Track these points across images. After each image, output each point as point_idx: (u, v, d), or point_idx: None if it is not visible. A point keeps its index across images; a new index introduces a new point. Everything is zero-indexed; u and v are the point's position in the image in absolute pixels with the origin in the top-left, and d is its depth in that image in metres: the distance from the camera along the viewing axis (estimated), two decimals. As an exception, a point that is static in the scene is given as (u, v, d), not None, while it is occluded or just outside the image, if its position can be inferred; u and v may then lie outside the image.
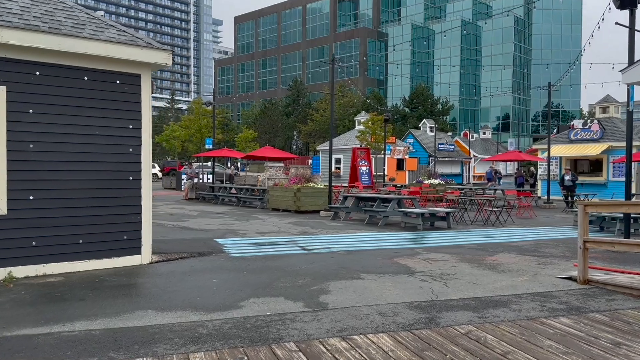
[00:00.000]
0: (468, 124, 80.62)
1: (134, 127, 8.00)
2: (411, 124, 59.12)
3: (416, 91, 64.80)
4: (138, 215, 8.05)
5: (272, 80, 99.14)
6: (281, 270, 7.63)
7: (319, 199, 18.41)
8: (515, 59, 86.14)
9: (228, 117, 78.35)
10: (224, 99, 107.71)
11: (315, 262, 8.37)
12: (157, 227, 12.95)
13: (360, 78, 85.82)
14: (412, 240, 11.51)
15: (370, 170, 30.44)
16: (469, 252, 9.80)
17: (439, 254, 9.54)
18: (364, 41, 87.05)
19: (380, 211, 14.64)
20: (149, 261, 8.15)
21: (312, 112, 59.43)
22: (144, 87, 8.08)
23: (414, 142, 49.98)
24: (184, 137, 30.84)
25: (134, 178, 8.01)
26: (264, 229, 12.98)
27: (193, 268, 7.78)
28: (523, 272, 7.87)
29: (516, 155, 31.04)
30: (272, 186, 19.91)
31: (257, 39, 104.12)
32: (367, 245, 10.63)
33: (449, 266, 8.22)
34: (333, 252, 9.53)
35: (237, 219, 15.73)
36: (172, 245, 9.88)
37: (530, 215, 18.43)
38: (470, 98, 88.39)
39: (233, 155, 24.25)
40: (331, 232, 12.78)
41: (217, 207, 20.28)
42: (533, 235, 13.02)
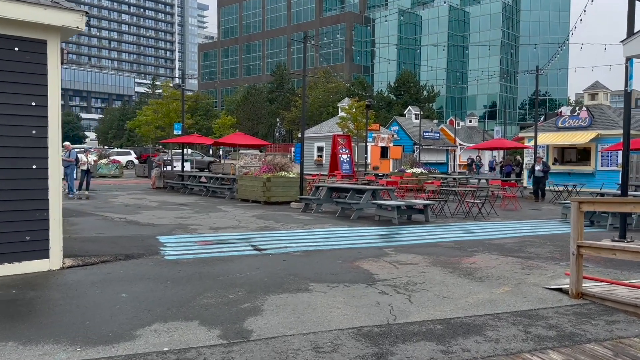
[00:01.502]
0: (454, 112, 79.57)
1: (38, 105, 6.58)
2: (396, 111, 57.82)
3: (402, 77, 63.41)
4: (44, 211, 6.66)
5: (256, 65, 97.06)
6: (214, 279, 6.31)
7: (290, 189, 17.10)
8: (503, 46, 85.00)
9: (210, 104, 76.44)
10: (207, 84, 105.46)
11: (261, 268, 7.07)
12: (101, 222, 11.59)
13: (346, 64, 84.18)
14: (383, 237, 10.25)
15: (352, 159, 29.16)
16: (444, 252, 8.56)
17: (410, 254, 8.28)
18: (350, 26, 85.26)
19: (353, 203, 13.36)
20: (59, 266, 6.78)
21: (296, 99, 57.81)
22: (51, 57, 6.65)
23: (399, 129, 48.72)
24: (151, 121, 29.19)
25: (39, 166, 6.61)
26: (221, 224, 11.65)
27: (108, 276, 6.43)
28: (504, 279, 6.64)
29: (501, 143, 29.91)
30: (241, 175, 18.53)
31: (242, 23, 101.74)
32: (331, 243, 9.35)
33: (418, 272, 6.97)
34: (288, 253, 8.24)
35: (197, 211, 14.37)
36: (102, 245, 8.52)
37: (515, 207, 17.30)
38: (457, 85, 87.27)
39: (202, 141, 22.81)
40: (296, 227, 11.48)
41: (182, 198, 18.88)
42: (517, 230, 11.84)
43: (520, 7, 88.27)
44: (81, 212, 13.45)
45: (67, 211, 13.62)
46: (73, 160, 19.54)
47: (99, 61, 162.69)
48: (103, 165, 32.94)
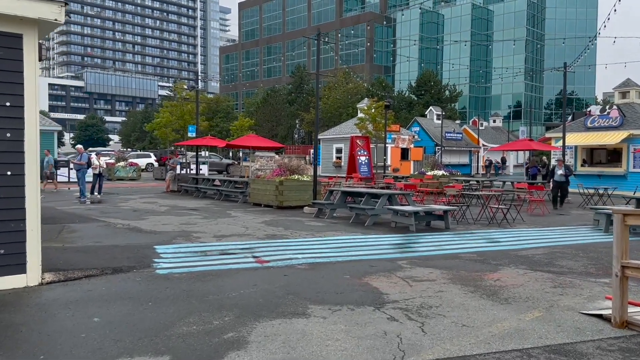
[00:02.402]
0: (478, 112, 77.90)
1: (13, 105, 5.99)
2: (417, 111, 56.69)
3: (423, 77, 62.19)
4: (21, 222, 6.07)
5: (276, 67, 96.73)
6: (202, 300, 5.62)
7: (304, 193, 16.39)
8: (528, 44, 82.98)
9: (231, 106, 76.31)
10: (228, 87, 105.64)
11: (258, 285, 6.35)
12: (102, 229, 11.05)
13: (367, 65, 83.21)
14: (398, 247, 9.44)
15: (370, 161, 28.31)
16: (465, 266, 7.73)
17: (426, 269, 7.48)
18: (370, 27, 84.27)
19: (367, 209, 12.58)
20: (37, 282, 6.18)
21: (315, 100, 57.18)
22: (28, 53, 6.05)
23: (420, 130, 47.66)
24: (166, 123, 28.80)
25: (15, 173, 6.03)
26: (226, 231, 10.99)
27: (87, 295, 5.79)
28: (534, 301, 5.80)
29: (527, 144, 28.71)
30: (254, 179, 17.90)
31: (262, 25, 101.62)
32: (341, 254, 8.59)
33: (435, 291, 6.16)
34: (292, 266, 7.51)
35: (206, 216, 13.76)
36: (93, 256, 7.91)
37: (543, 211, 16.27)
38: (480, 85, 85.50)
39: (215, 143, 22.27)
40: (305, 234, 10.75)
41: (194, 202, 18.34)
42: (546, 239, 10.90)
43: (546, 5, 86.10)
44: (86, 218, 12.96)
45: (72, 216, 13.17)
46: (84, 163, 19.19)
47: (123, 65, 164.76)
48: (121, 168, 32.76)
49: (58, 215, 13.45)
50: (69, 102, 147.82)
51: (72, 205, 16.38)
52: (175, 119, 28.23)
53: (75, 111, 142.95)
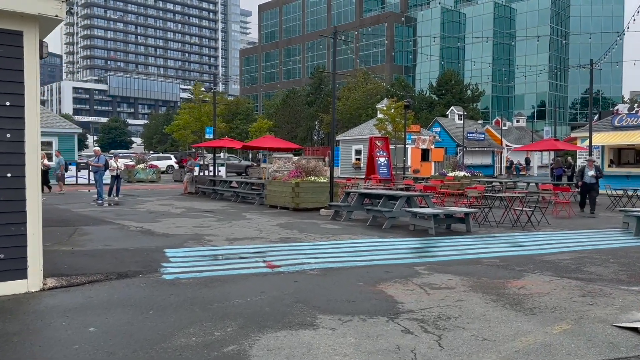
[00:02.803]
0: (501, 112, 76.61)
1: (13, 105, 5.80)
2: (438, 111, 55.91)
3: (444, 76, 61.37)
4: (21, 225, 5.86)
5: (296, 69, 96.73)
6: (206, 308, 5.33)
7: (321, 194, 16.07)
8: (552, 43, 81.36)
9: (251, 108, 76.47)
10: (249, 89, 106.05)
11: (266, 292, 6.04)
12: (114, 231, 10.90)
13: (387, 65, 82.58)
14: (416, 251, 9.05)
15: (389, 162, 27.89)
16: (487, 272, 7.31)
17: (445, 275, 7.08)
18: (390, 26, 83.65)
19: (385, 211, 12.19)
20: (38, 288, 5.98)
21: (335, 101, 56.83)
22: (29, 50, 5.86)
23: (441, 130, 46.96)
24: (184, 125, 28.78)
25: (15, 175, 5.83)
26: (239, 234, 10.73)
27: (88, 302, 5.56)
28: (561, 312, 5.37)
29: (552, 144, 27.89)
30: (270, 180, 17.65)
31: (282, 27, 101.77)
32: (356, 258, 8.24)
33: (454, 300, 5.77)
34: (303, 272, 7.19)
35: (220, 219, 13.54)
36: (100, 261, 7.71)
37: (569, 213, 15.65)
38: (503, 84, 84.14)
39: (232, 145, 22.13)
40: (320, 238, 10.43)
41: (210, 204, 18.17)
42: (573, 243, 10.38)
43: (570, 2, 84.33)
44: (100, 220, 12.85)
45: (86, 219, 13.08)
46: (102, 165, 19.19)
47: (145, 68, 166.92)
48: (140, 170, 32.90)
49: (72, 217, 13.38)
50: (93, 105, 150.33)
51: (88, 207, 16.34)
52: (192, 120, 28.19)
53: (99, 114, 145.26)
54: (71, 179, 28.66)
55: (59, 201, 18.20)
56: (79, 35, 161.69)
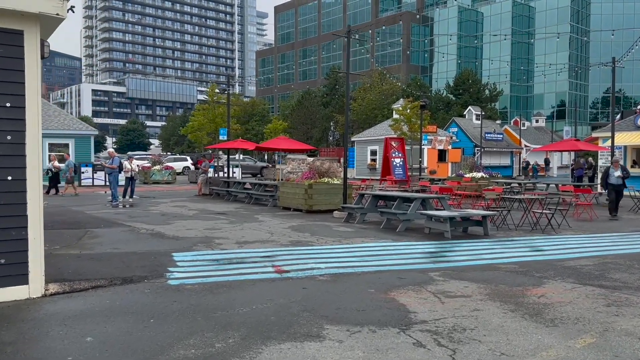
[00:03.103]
0: (519, 112, 75.47)
1: (13, 106, 5.66)
2: (455, 111, 55.24)
3: (461, 76, 60.62)
4: (22, 230, 5.72)
5: (311, 70, 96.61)
6: (209, 316, 5.12)
7: (334, 196, 15.80)
8: (572, 42, 79.95)
9: (267, 109, 76.52)
10: (265, 90, 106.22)
11: (273, 299, 5.81)
12: (125, 234, 10.78)
13: (403, 65, 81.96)
14: (431, 256, 8.75)
15: (405, 163, 27.51)
16: (505, 279, 6.98)
17: (461, 282, 6.77)
18: (407, 26, 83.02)
19: (399, 213, 11.89)
20: (40, 294, 5.83)
21: (350, 102, 56.49)
22: (29, 50, 5.72)
23: (458, 131, 46.35)
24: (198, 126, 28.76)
25: (15, 178, 5.69)
26: (250, 237, 10.53)
27: (89, 308, 5.39)
28: (585, 323, 5.04)
29: (572, 145, 27.22)
30: (283, 182, 17.44)
31: (297, 29, 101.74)
32: (368, 263, 7.97)
33: (470, 310, 5.47)
34: (313, 277, 6.95)
35: (232, 221, 13.37)
36: (106, 265, 7.56)
37: (590, 216, 15.16)
38: (522, 84, 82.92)
39: (246, 146, 22.00)
40: (332, 241, 10.17)
41: (224, 205, 18.03)
42: (595, 247, 9.97)
43: (591, 0, 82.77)
44: (111, 222, 12.76)
45: (98, 221, 13.01)
46: (116, 167, 19.20)
47: (163, 70, 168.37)
48: (156, 171, 33.00)
49: (84, 219, 13.32)
50: (112, 107, 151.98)
51: (102, 209, 16.32)
52: (207, 122, 28.17)
53: (118, 116, 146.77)
54: (87, 181, 28.84)
55: (73, 203, 18.24)
56: (98, 38, 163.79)
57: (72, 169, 22.57)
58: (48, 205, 17.01)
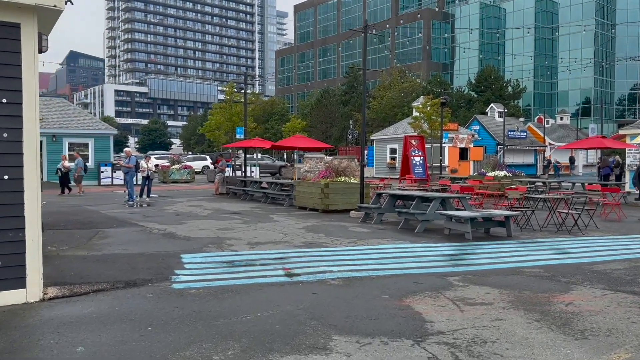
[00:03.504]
0: (543, 109, 73.88)
1: (10, 102, 5.44)
2: (477, 109, 54.27)
3: (483, 73, 59.52)
4: (20, 231, 5.49)
5: (331, 69, 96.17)
6: (210, 324, 4.81)
7: (351, 196, 15.42)
8: (597, 37, 77.95)
9: (286, 108, 76.39)
10: (284, 89, 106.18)
11: (280, 305, 5.48)
12: (136, 234, 10.60)
13: (424, 62, 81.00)
14: (450, 259, 8.32)
15: (425, 161, 26.96)
16: (529, 284, 6.54)
17: (482, 287, 6.35)
18: (427, 23, 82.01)
19: (417, 214, 11.46)
20: (38, 298, 5.59)
21: (370, 100, 55.96)
22: (26, 44, 5.48)
23: (480, 128, 45.47)
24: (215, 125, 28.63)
25: (12, 177, 5.46)
26: (262, 238, 10.22)
27: (86, 314, 5.12)
28: (618, 336, 4.59)
29: (599, 142, 26.31)
30: (299, 181, 17.12)
31: (317, 27, 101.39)
32: (383, 266, 7.59)
33: (491, 319, 5.06)
34: (324, 281, 6.60)
35: (247, 221, 13.09)
36: (112, 267, 7.32)
37: (618, 216, 14.50)
38: (545, 81, 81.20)
39: (262, 145, 21.76)
40: (347, 242, 9.81)
41: (239, 205, 17.80)
42: (626, 249, 9.41)
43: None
44: (124, 222, 12.60)
45: (111, 221, 12.87)
46: (133, 166, 19.13)
47: (184, 71, 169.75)
48: (175, 170, 33.03)
49: (98, 219, 13.19)
50: (134, 107, 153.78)
51: (118, 208, 16.21)
52: (224, 120, 28.02)
53: (140, 116, 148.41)
54: (107, 180, 28.97)
55: (89, 202, 18.21)
56: (121, 39, 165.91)
57: (81, 168, 22.41)
58: (64, 205, 17.01)
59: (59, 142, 28.59)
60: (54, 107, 31.11)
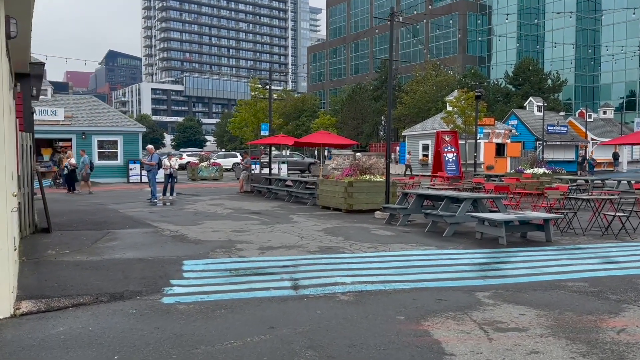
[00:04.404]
0: (585, 103, 70.82)
1: (-26, 96, 4.85)
2: (515, 103, 52.27)
3: (521, 65, 57.28)
4: (-13, 240, 4.91)
5: (363, 64, 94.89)
6: (188, 353, 4.09)
7: (377, 195, 14.55)
8: (644, 26, 74.08)
9: (317, 105, 75.68)
10: (316, 85, 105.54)
11: (275, 327, 4.73)
12: (146, 236, 10.06)
13: (459, 56, 78.86)
14: (481, 269, 7.40)
15: (458, 158, 25.77)
16: (572, 303, 5.59)
17: (517, 307, 5.44)
18: (463, 15, 79.77)
19: (446, 216, 10.52)
20: (8, 314, 5.00)
21: (402, 95, 54.62)
22: (-7, 30, 4.88)
23: (518, 123, 43.66)
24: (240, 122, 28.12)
25: (-22, 180, 4.88)
26: (276, 242, 9.51)
27: (52, 337, 4.49)
28: (691, 380, 3.64)
29: (648, 137, 24.54)
30: (322, 179, 16.36)
31: (349, 22, 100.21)
32: (402, 277, 6.74)
33: (526, 351, 4.17)
34: (333, 297, 5.81)
35: (265, 222, 12.42)
36: (102, 275, 6.72)
37: (673, 218, 13.15)
38: (587, 73, 77.84)
39: (286, 142, 21.10)
40: (367, 247, 8.99)
41: (262, 203, 17.17)
42: (686, 259, 8.26)
43: (667, -20, 76.39)
44: (138, 223, 12.12)
45: (126, 221, 12.41)
46: (155, 163, 18.75)
47: (219, 68, 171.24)
48: (204, 168, 32.78)
49: (113, 219, 12.76)
50: (170, 105, 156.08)
51: (139, 207, 15.81)
52: (249, 116, 27.52)
53: (176, 114, 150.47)
54: (135, 177, 28.91)
55: (111, 201, 17.93)
56: (157, 38, 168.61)
57: (87, 166, 21.84)
58: (84, 203, 16.73)
59: (88, 140, 28.68)
60: (83, 105, 31.28)
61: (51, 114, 28.15)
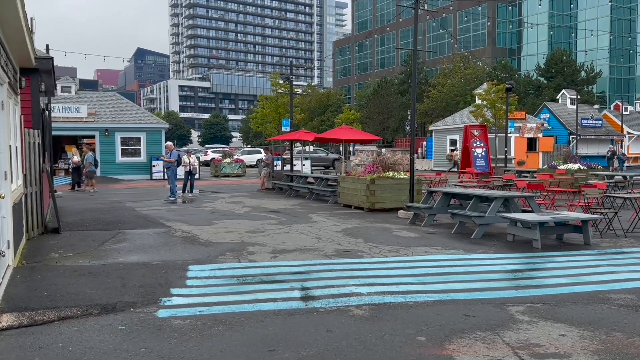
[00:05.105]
0: (620, 96, 68.20)
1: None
2: (547, 95, 50.53)
3: (554, 57, 55.38)
4: (-39, 248, 4.47)
5: (389, 58, 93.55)
6: (170, 383, 3.55)
7: (401, 193, 13.85)
8: (685, 14, 70.94)
9: (342, 100, 74.90)
10: (342, 80, 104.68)
11: (277, 350, 4.15)
12: (156, 237, 9.65)
13: (489, 48, 76.92)
14: (513, 277, 6.68)
15: (488, 153, 24.79)
16: (619, 320, 4.85)
17: (556, 325, 4.74)
18: (492, 7, 77.73)
19: (474, 216, 9.78)
20: (-13, 329, 4.56)
21: (429, 89, 53.42)
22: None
23: (550, 117, 42.13)
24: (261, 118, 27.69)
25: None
26: (291, 244, 8.94)
27: (31, 353, 4.01)
28: None
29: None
30: (343, 176, 15.72)
31: (375, 16, 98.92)
32: (425, 287, 6.08)
33: (570, 387, 3.49)
34: (346, 310, 5.20)
35: (282, 221, 11.88)
36: (98, 283, 6.25)
37: None
38: (623, 65, 75.00)
39: (307, 137, 20.52)
40: (388, 251, 8.34)
41: (282, 201, 16.65)
42: None
43: None
44: (151, 222, 11.72)
45: (139, 220, 12.04)
46: (174, 160, 18.42)
47: (245, 65, 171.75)
48: (226, 164, 32.50)
49: (127, 218, 12.39)
50: (197, 102, 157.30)
51: (156, 205, 15.46)
52: (271, 112, 27.05)
53: (203, 110, 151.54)
54: (158, 174, 28.78)
55: (130, 198, 17.67)
56: (184, 36, 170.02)
57: (90, 163, 21.17)
58: (102, 201, 16.49)
59: (111, 137, 28.67)
60: (106, 101, 31.30)
61: (74, 111, 28.22)
